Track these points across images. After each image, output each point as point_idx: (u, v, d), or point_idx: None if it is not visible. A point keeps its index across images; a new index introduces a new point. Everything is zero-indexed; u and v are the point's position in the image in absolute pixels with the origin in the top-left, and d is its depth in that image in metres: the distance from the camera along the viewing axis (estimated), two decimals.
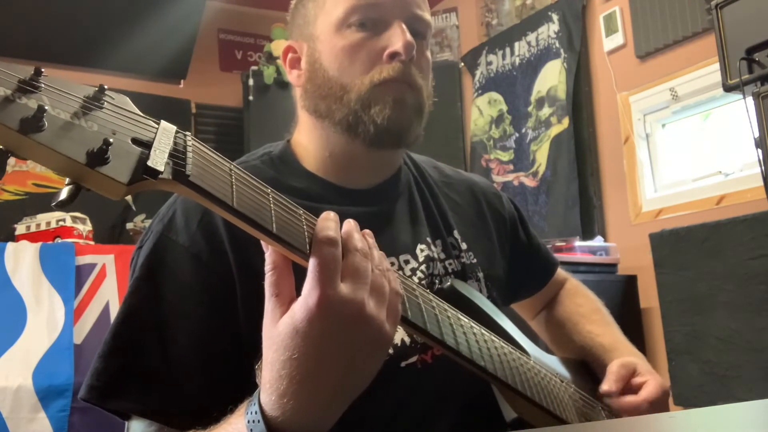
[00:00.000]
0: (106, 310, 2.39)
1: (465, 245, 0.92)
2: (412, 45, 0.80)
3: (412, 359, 0.79)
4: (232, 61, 4.23)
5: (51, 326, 2.28)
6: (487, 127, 3.67)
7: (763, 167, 1.70)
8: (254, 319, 0.70)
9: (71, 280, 2.38)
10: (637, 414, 0.84)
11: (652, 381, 0.87)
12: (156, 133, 0.47)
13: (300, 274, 0.54)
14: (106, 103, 0.45)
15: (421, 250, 0.86)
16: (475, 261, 0.92)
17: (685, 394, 1.97)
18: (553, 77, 3.27)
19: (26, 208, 3.03)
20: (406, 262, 0.84)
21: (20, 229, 2.73)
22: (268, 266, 0.54)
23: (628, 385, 0.88)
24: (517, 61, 3.51)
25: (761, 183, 1.71)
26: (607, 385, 0.86)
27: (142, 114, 0.47)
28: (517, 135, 3.48)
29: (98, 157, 0.41)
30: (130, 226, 3.46)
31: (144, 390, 0.68)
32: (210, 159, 0.50)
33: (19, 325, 2.25)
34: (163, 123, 0.48)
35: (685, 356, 1.98)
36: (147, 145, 0.45)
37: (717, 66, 1.91)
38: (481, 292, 0.89)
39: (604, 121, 3.05)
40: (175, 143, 0.47)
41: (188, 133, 0.50)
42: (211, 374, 0.70)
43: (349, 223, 0.57)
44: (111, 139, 0.42)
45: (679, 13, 2.64)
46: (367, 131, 0.81)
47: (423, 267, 0.85)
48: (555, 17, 3.27)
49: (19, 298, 2.30)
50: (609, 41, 3.01)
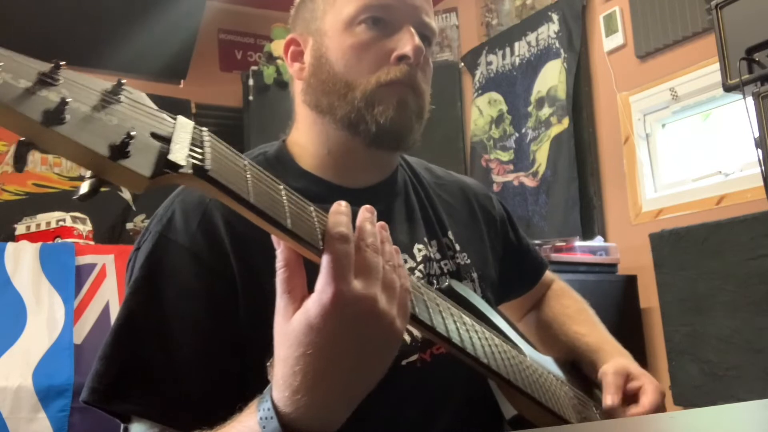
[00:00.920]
0: (106, 310, 2.39)
1: (459, 246, 0.92)
2: (422, 50, 0.81)
3: (413, 357, 0.79)
4: (232, 61, 4.23)
5: (51, 326, 2.28)
6: (487, 127, 3.67)
7: (763, 167, 1.70)
8: (255, 318, 0.71)
9: (71, 280, 2.38)
10: None
11: (649, 385, 0.87)
12: (174, 128, 0.47)
13: (311, 272, 0.54)
14: (123, 97, 0.45)
15: (419, 250, 0.87)
16: (469, 261, 0.92)
17: (685, 394, 1.97)
18: (553, 77, 3.27)
19: (26, 208, 3.03)
20: (405, 262, 0.84)
21: (20, 229, 2.73)
22: (279, 263, 0.54)
23: (626, 391, 0.88)
24: (517, 61, 3.51)
25: (761, 183, 1.71)
26: (610, 399, 0.86)
27: (158, 109, 0.48)
28: (517, 135, 3.48)
29: (120, 150, 0.42)
30: (130, 226, 3.47)
31: (146, 391, 0.68)
32: (226, 154, 0.50)
33: (19, 325, 2.25)
34: (180, 118, 0.49)
35: (685, 356, 1.98)
36: (166, 140, 0.45)
37: (717, 66, 1.90)
38: (475, 292, 0.90)
39: (604, 121, 3.05)
40: (193, 138, 0.48)
41: (204, 129, 0.50)
42: (213, 374, 0.70)
43: (364, 214, 0.57)
44: (133, 133, 0.42)
45: (679, 13, 2.64)
46: (368, 130, 0.81)
47: (421, 267, 0.85)
48: (555, 17, 3.27)
49: (19, 298, 2.30)
50: (609, 41, 3.01)
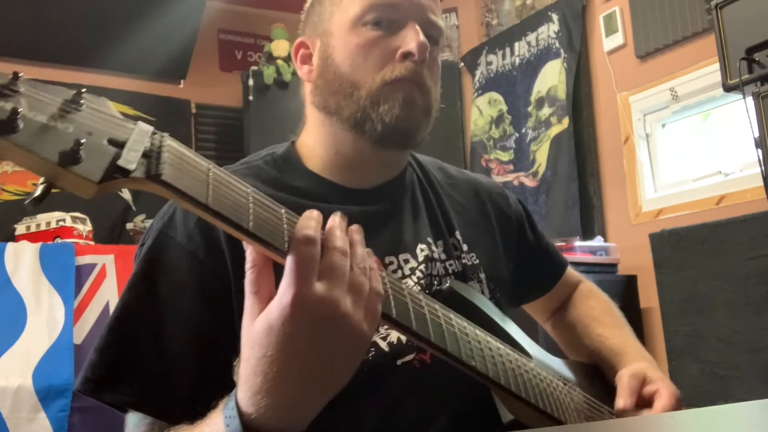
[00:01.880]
0: (106, 310, 2.39)
1: (466, 246, 0.92)
2: (426, 46, 0.81)
3: (409, 357, 0.79)
4: (232, 61, 4.23)
5: (51, 326, 2.28)
6: (487, 127, 3.67)
7: (763, 167, 1.70)
8: None
9: (71, 280, 2.38)
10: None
11: (664, 390, 0.86)
12: (131, 134, 0.48)
13: (281, 273, 0.54)
14: (84, 105, 0.46)
15: (421, 250, 0.86)
16: (477, 262, 0.92)
17: (685, 394, 1.96)
18: (553, 77, 3.27)
19: (26, 208, 3.03)
20: (406, 261, 0.84)
21: (20, 229, 2.73)
22: (248, 264, 0.55)
23: (641, 395, 0.87)
24: (517, 61, 3.51)
25: (761, 183, 1.72)
26: (622, 402, 0.85)
27: (120, 116, 0.49)
28: (517, 135, 3.48)
29: (70, 156, 0.43)
30: (130, 226, 3.47)
31: (137, 383, 0.69)
32: (187, 159, 0.51)
33: (19, 325, 2.26)
34: (140, 124, 0.50)
35: (685, 356, 1.98)
36: (122, 145, 0.47)
37: (717, 66, 1.91)
38: (482, 293, 0.89)
39: (604, 121, 3.05)
40: (152, 143, 0.49)
41: (166, 134, 0.51)
42: (205, 370, 0.71)
43: (333, 219, 0.58)
44: (83, 140, 0.44)
45: (679, 13, 2.64)
46: (374, 129, 0.81)
47: (422, 267, 0.85)
48: (555, 17, 3.27)
49: (19, 298, 2.30)
50: (609, 41, 3.01)
